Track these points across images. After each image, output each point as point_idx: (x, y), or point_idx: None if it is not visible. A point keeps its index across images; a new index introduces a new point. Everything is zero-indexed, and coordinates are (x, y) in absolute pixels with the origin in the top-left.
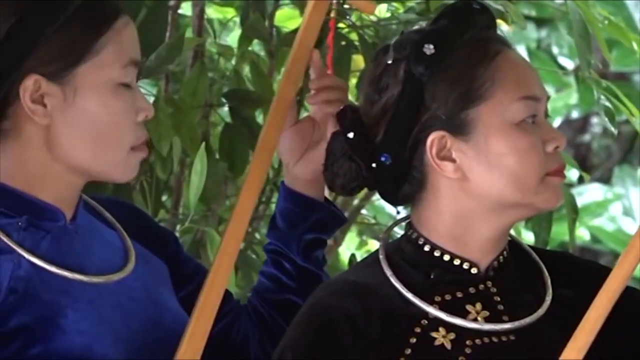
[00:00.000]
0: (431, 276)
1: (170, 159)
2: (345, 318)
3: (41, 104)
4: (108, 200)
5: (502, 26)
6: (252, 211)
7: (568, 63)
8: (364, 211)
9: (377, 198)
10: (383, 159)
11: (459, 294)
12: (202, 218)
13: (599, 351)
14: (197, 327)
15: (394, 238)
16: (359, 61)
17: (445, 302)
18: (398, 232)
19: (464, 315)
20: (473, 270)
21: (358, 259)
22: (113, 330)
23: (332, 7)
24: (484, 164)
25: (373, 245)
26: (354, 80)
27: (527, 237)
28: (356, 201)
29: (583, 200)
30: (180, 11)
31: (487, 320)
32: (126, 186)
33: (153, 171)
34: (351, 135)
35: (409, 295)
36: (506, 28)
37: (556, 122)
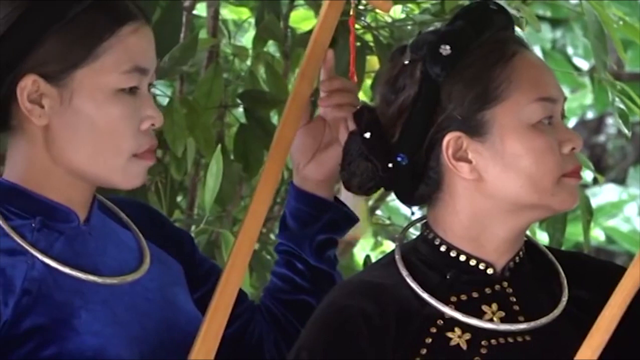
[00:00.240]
0: (447, 276)
1: (184, 160)
2: (361, 318)
3: (39, 105)
4: (124, 200)
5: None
6: (267, 211)
7: (583, 64)
8: (379, 212)
9: (392, 199)
10: (399, 159)
11: (475, 295)
12: (217, 219)
13: (615, 350)
14: (211, 327)
15: (409, 239)
16: (374, 62)
17: (461, 303)
18: (413, 233)
19: (480, 315)
20: (489, 270)
21: (373, 260)
22: (127, 331)
23: (351, 6)
24: (500, 165)
25: (388, 246)
26: (369, 81)
27: (542, 238)
28: (371, 202)
29: (598, 201)
30: (194, 12)
31: (503, 320)
32: (141, 187)
33: (168, 172)
34: (368, 135)
35: (425, 295)
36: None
37: (571, 123)
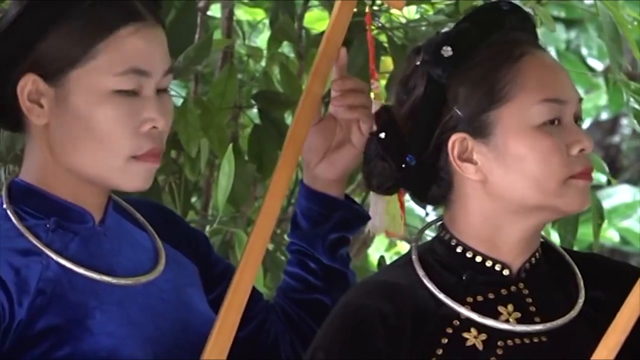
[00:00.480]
0: (463, 277)
1: (198, 161)
2: (377, 318)
3: (38, 104)
4: (139, 201)
5: None
6: (281, 212)
7: (597, 64)
8: None
9: (407, 199)
10: (408, 160)
11: (491, 296)
12: (231, 219)
13: (631, 351)
14: (224, 327)
15: (424, 240)
16: (388, 63)
17: (477, 303)
18: (427, 234)
19: (496, 316)
20: (505, 272)
21: (387, 261)
22: (141, 331)
23: (366, 6)
24: (504, 167)
25: (402, 246)
26: (383, 81)
27: (553, 239)
28: None
29: (612, 201)
30: (209, 13)
31: (519, 321)
32: (155, 188)
33: (182, 172)
34: (383, 135)
35: (441, 295)
36: None
37: (585, 124)
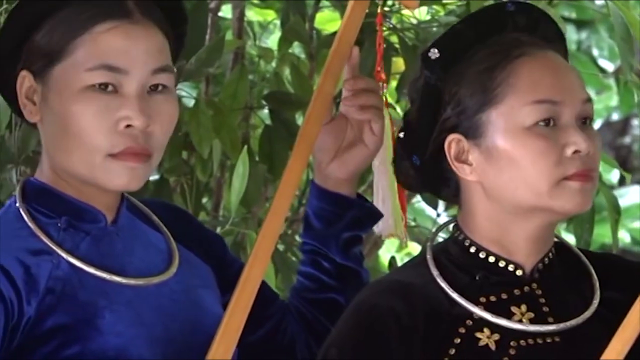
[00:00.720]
0: (476, 277)
1: (210, 161)
2: (391, 316)
3: (32, 101)
4: (155, 202)
5: None
6: (292, 213)
7: (608, 65)
8: None
9: (418, 200)
10: (413, 160)
11: (504, 296)
12: (243, 220)
13: None
14: (230, 325)
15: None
16: (399, 64)
17: (490, 304)
18: (439, 236)
19: (509, 316)
20: (518, 272)
21: (398, 262)
22: (150, 331)
23: (378, 6)
24: (496, 168)
25: (413, 247)
26: (394, 82)
27: (568, 239)
28: None
29: (623, 202)
30: (220, 14)
31: (532, 321)
32: (167, 188)
33: (193, 173)
34: (402, 135)
35: (455, 295)
36: None
37: (596, 125)
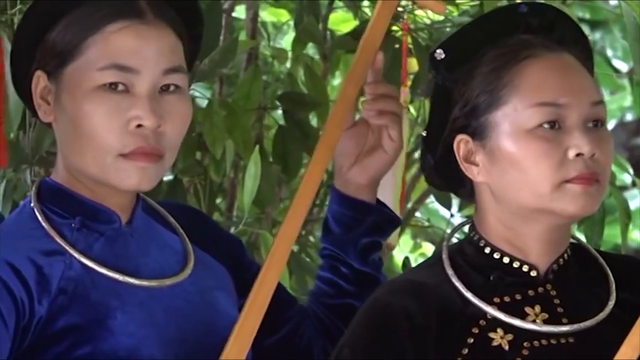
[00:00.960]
0: (491, 278)
1: (223, 162)
2: (403, 316)
3: (46, 101)
4: (171, 204)
5: None
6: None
7: (622, 65)
8: (418, 214)
9: (432, 201)
10: (428, 159)
11: (518, 296)
12: (256, 221)
13: None
14: (244, 327)
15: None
16: (413, 64)
17: (504, 304)
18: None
19: (523, 316)
20: (532, 273)
21: (412, 262)
22: (162, 332)
23: (406, 9)
24: (500, 170)
25: (427, 248)
26: (408, 82)
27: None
28: (410, 204)
29: (636, 203)
30: (234, 14)
31: (546, 322)
32: (180, 189)
33: (207, 174)
34: (424, 133)
35: (469, 294)
36: None
37: (610, 125)
